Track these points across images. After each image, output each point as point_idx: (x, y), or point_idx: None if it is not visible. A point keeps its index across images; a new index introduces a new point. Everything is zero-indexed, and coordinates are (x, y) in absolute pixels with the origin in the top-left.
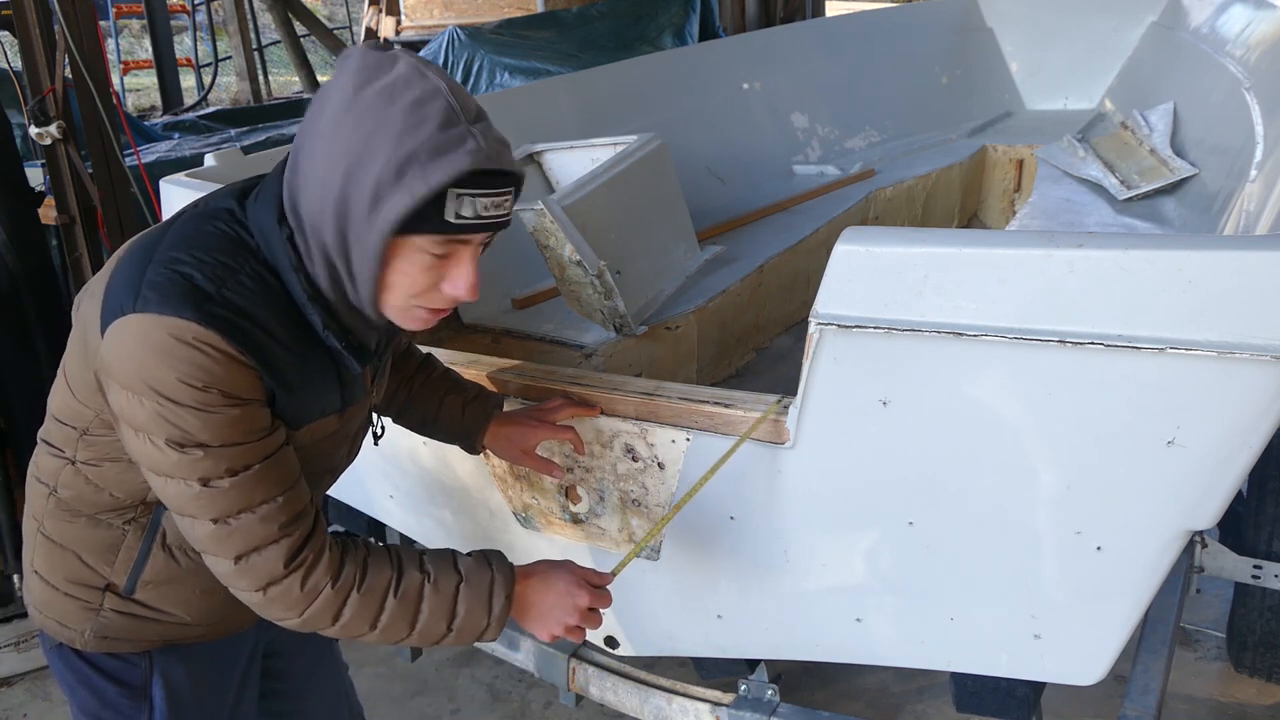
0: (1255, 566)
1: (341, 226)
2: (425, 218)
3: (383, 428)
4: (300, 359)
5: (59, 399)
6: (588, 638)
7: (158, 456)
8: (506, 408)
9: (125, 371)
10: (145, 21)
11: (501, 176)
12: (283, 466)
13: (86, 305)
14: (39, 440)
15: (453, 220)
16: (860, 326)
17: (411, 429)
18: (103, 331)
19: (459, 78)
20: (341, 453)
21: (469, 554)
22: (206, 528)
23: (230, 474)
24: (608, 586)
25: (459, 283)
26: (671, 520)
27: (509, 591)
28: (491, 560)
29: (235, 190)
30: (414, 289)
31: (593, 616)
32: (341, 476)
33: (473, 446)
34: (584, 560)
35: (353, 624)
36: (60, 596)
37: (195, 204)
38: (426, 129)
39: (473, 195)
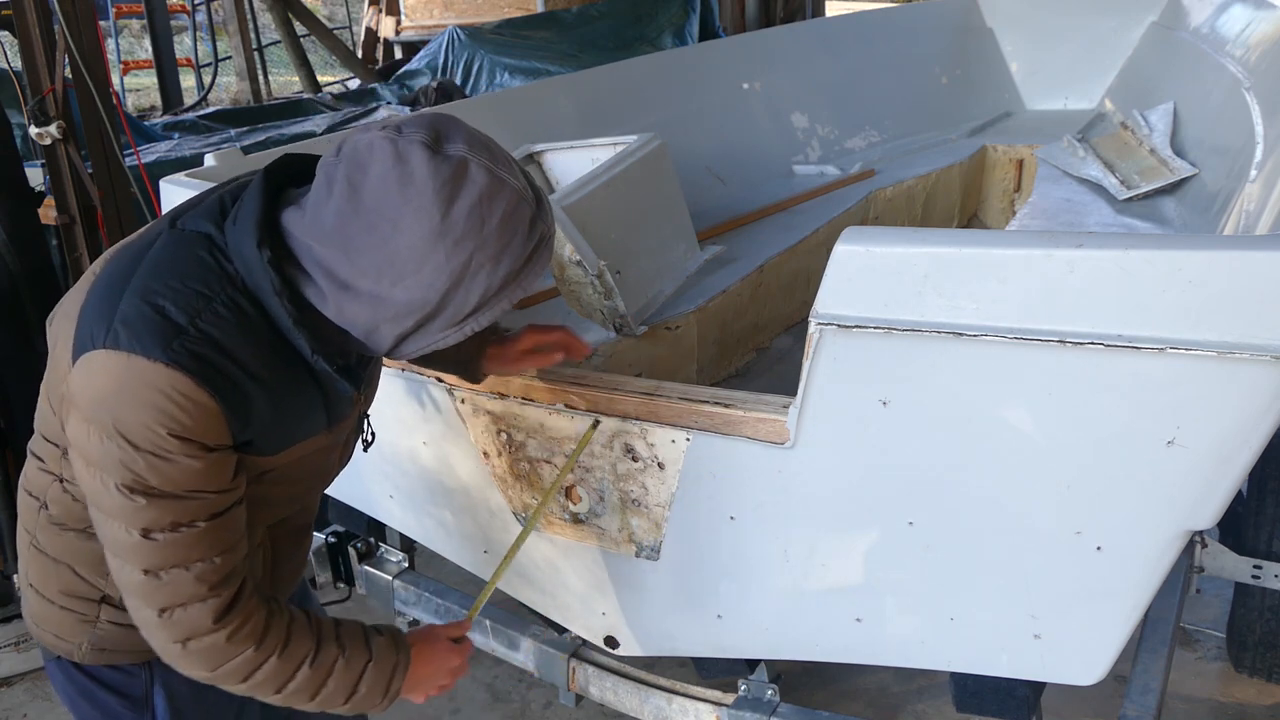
0: (1255, 566)
1: (424, 322)
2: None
3: (373, 435)
4: (277, 391)
5: (42, 414)
6: (586, 638)
7: (104, 496)
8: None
9: (90, 407)
10: (145, 21)
11: None
12: (226, 528)
13: (59, 325)
14: (29, 453)
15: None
16: (860, 326)
17: (426, 364)
18: (73, 361)
19: (459, 78)
20: (333, 460)
21: (379, 630)
22: (136, 576)
23: (173, 528)
24: (468, 635)
25: None
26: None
27: (405, 675)
28: (399, 644)
29: (212, 211)
30: None
31: (460, 670)
32: (342, 476)
33: (473, 373)
34: (585, 561)
35: (261, 685)
36: (56, 610)
37: (172, 223)
38: (518, 242)
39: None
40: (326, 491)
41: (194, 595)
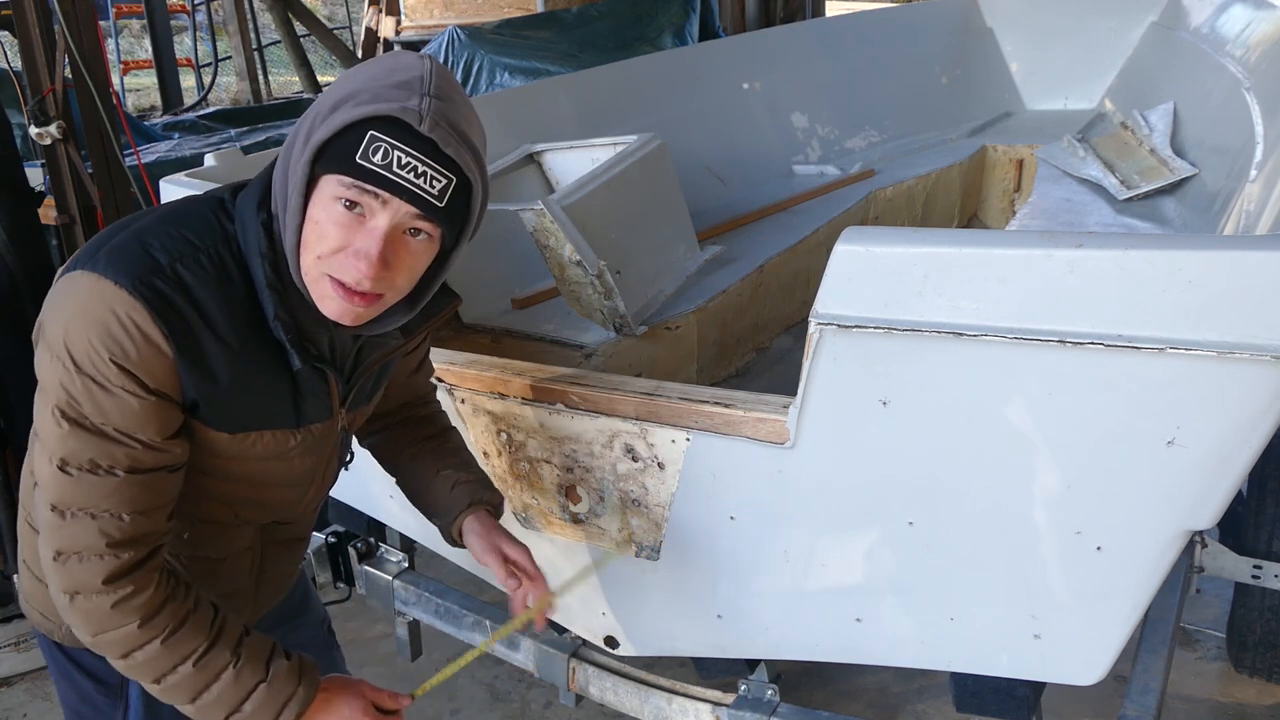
0: (1255, 566)
1: (285, 166)
2: (339, 155)
3: (352, 454)
4: (240, 358)
5: None
6: (586, 638)
7: (41, 419)
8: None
9: (49, 324)
10: (145, 21)
11: (433, 150)
12: (147, 489)
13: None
14: (32, 433)
15: (363, 162)
16: (860, 326)
17: (406, 494)
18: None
19: (459, 78)
20: (311, 470)
21: (289, 657)
22: (46, 511)
23: (91, 468)
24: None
25: (360, 243)
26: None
27: (301, 711)
28: (303, 676)
29: (235, 184)
30: (323, 245)
31: None
32: (342, 476)
33: (447, 530)
34: (585, 561)
35: (140, 668)
36: (43, 588)
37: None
38: (381, 81)
39: (390, 144)
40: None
41: (90, 547)
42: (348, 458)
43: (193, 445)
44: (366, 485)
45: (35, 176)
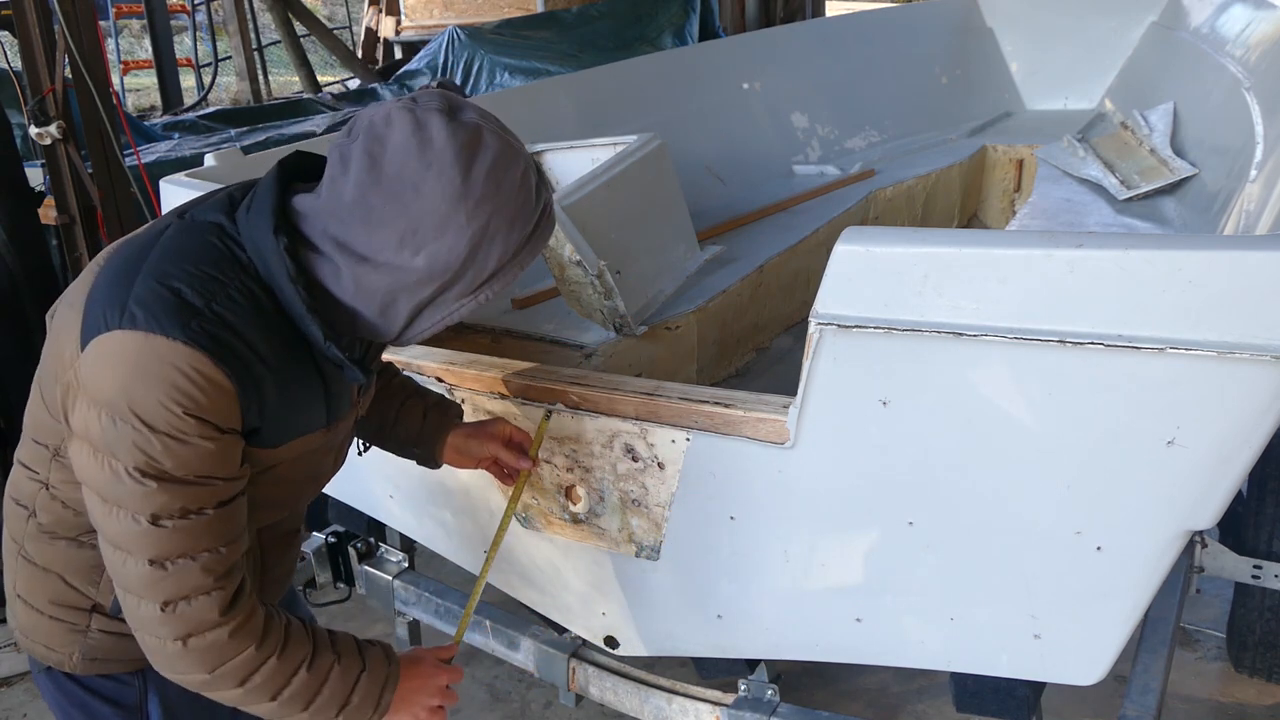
0: (1255, 566)
1: (442, 290)
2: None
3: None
4: (284, 379)
5: (33, 414)
6: (586, 638)
7: (113, 483)
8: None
9: (103, 390)
10: (145, 21)
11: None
12: (232, 517)
13: (63, 315)
14: (15, 461)
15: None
16: (860, 326)
17: (367, 437)
18: (83, 346)
19: (459, 78)
20: (327, 463)
21: (371, 642)
22: (140, 568)
23: (183, 514)
24: (454, 660)
25: None
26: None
27: (395, 686)
28: (390, 657)
29: (222, 203)
30: None
31: (451, 694)
32: (343, 477)
33: (430, 455)
34: (585, 561)
35: (257, 690)
36: (45, 620)
37: (180, 215)
38: (529, 206)
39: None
40: (328, 491)
41: (199, 587)
42: (364, 447)
43: None
44: (366, 485)
45: (35, 176)
